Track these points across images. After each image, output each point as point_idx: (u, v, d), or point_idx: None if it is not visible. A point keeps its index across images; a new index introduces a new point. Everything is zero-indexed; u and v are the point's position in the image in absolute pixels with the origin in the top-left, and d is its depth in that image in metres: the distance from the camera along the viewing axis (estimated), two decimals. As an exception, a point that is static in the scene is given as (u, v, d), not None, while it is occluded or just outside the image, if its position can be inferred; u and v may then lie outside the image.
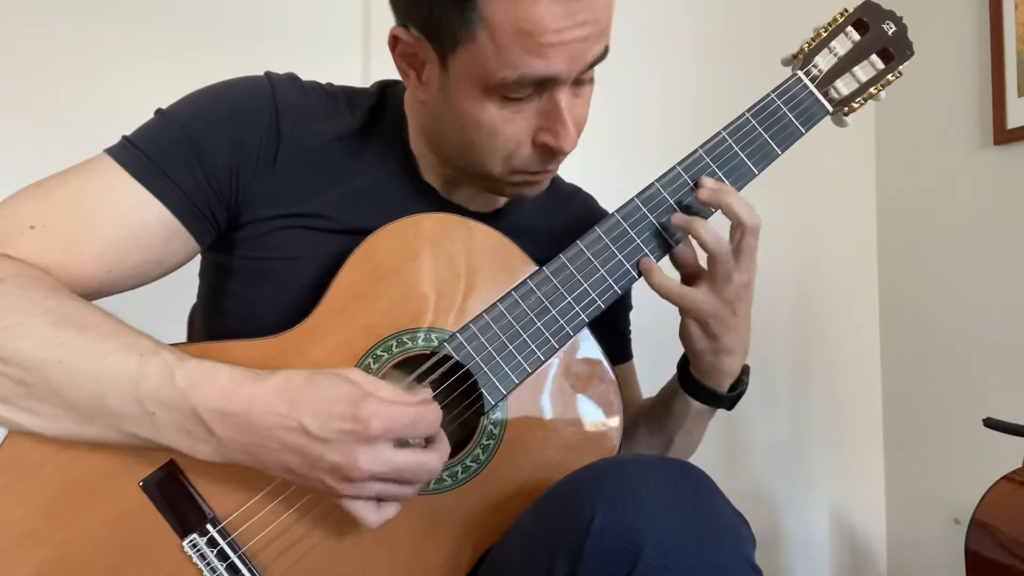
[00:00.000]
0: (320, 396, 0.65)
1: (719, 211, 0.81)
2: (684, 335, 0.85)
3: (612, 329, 0.98)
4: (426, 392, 0.69)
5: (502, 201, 0.92)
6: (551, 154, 0.77)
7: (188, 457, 0.69)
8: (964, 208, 1.75)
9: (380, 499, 0.67)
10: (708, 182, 0.82)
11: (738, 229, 0.80)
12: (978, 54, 1.72)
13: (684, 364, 0.89)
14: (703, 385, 0.87)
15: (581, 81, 0.76)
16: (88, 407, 0.66)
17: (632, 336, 1.04)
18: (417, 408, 0.66)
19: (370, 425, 0.63)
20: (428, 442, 0.69)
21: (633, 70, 1.72)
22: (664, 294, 0.82)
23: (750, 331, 0.85)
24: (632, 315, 1.04)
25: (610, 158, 1.56)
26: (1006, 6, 1.65)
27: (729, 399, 0.88)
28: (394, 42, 0.78)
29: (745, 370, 0.89)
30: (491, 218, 0.89)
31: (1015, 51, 1.63)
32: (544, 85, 0.73)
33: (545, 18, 0.68)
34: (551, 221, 0.93)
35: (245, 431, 0.65)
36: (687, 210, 0.83)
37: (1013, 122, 1.63)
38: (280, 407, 0.64)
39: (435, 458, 0.67)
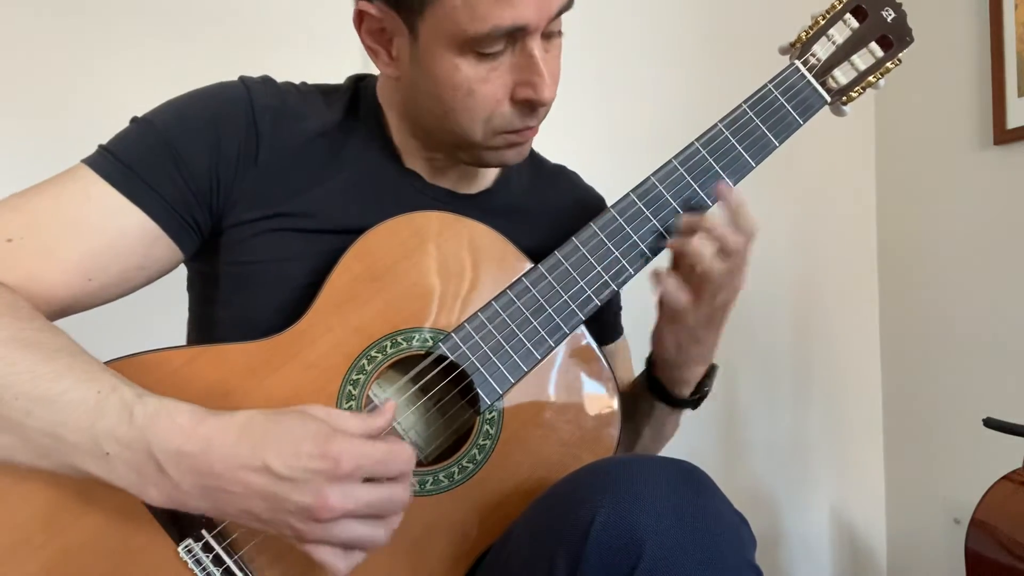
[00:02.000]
0: (285, 435, 0.62)
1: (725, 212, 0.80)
2: (657, 341, 0.86)
3: (604, 309, 0.97)
4: (390, 412, 0.67)
5: (488, 182, 0.91)
6: (531, 108, 0.77)
7: None
8: (964, 208, 1.75)
9: (347, 547, 0.64)
10: (679, 223, 0.80)
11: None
12: (978, 54, 1.72)
13: (651, 366, 0.90)
14: (666, 389, 0.88)
15: (550, 34, 0.76)
16: (43, 444, 0.63)
17: (635, 322, 1.03)
18: (389, 447, 0.64)
19: (340, 462, 0.60)
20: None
21: (628, 62, 1.72)
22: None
23: (717, 346, 0.86)
24: (637, 304, 1.03)
25: (605, 154, 1.55)
26: (1006, 6, 1.64)
27: (691, 403, 0.89)
28: (359, 19, 0.78)
29: (711, 371, 0.89)
30: (479, 199, 0.89)
31: (1015, 51, 1.63)
32: (515, 37, 0.73)
33: None
34: (539, 200, 0.93)
35: (203, 474, 0.61)
36: (684, 205, 0.82)
37: (1013, 122, 1.63)
38: (242, 448, 0.61)
39: (402, 490, 0.64)
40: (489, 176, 0.92)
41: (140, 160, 0.76)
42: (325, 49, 1.44)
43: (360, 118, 0.86)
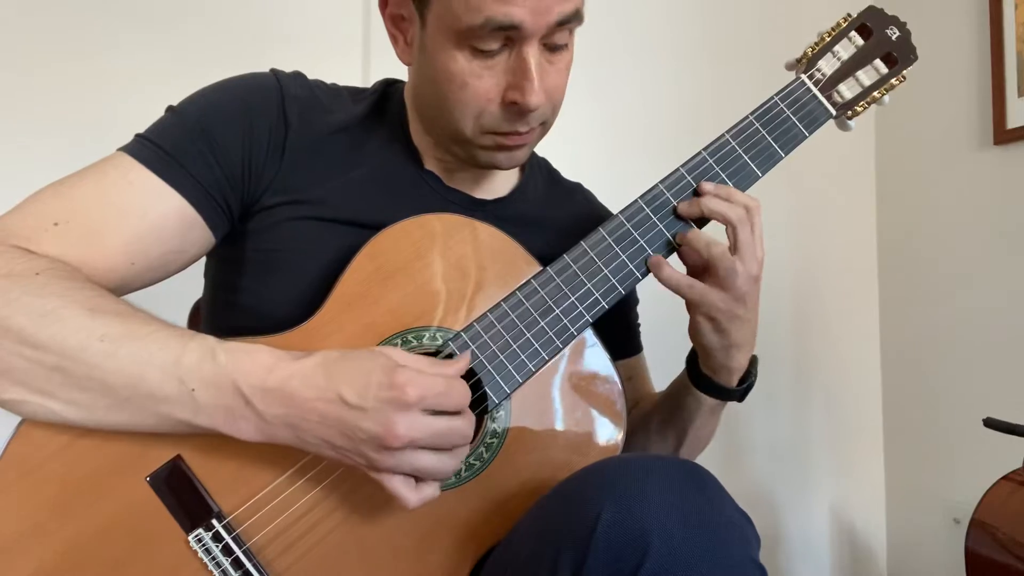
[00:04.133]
0: (357, 368, 0.66)
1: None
2: (694, 331, 0.85)
3: (620, 322, 0.98)
4: (465, 358, 0.72)
5: (504, 190, 0.93)
6: (519, 112, 0.78)
7: (198, 450, 0.70)
8: (964, 208, 1.76)
9: (417, 478, 0.68)
10: (707, 186, 0.82)
11: (728, 227, 0.81)
12: (978, 54, 1.72)
13: (693, 360, 0.90)
14: (713, 381, 0.88)
15: (555, 47, 0.77)
16: (125, 387, 0.66)
17: (642, 330, 1.05)
18: (448, 379, 0.68)
19: (406, 391, 0.65)
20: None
21: (628, 74, 1.72)
22: (673, 287, 0.82)
23: (758, 324, 0.86)
24: (645, 312, 1.05)
25: (603, 161, 1.55)
26: (1006, 6, 1.65)
27: (739, 392, 0.89)
28: (384, 3, 0.82)
29: (753, 361, 0.89)
30: (495, 205, 0.91)
31: (1015, 51, 1.64)
32: (512, 38, 0.74)
33: None
34: (554, 213, 0.94)
35: (285, 405, 0.66)
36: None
37: (1013, 122, 1.64)
38: (318, 380, 0.66)
39: (465, 423, 0.68)
40: (505, 185, 0.93)
41: (177, 146, 0.78)
42: (327, 52, 1.45)
43: (384, 118, 0.88)
